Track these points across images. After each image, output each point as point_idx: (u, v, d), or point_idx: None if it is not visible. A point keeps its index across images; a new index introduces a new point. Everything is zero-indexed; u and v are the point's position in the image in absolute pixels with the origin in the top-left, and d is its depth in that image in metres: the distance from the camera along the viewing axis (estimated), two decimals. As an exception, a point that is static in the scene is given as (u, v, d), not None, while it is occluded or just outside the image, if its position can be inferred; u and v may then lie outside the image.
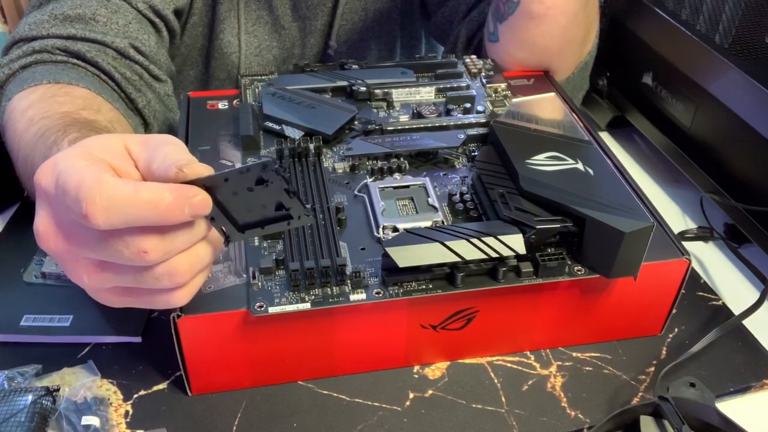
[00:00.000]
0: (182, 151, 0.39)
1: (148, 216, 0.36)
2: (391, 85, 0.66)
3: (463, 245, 0.46)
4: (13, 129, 0.56)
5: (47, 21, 0.63)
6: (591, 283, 0.50)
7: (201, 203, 0.37)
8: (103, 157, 0.38)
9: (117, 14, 0.66)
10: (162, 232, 0.37)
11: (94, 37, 0.64)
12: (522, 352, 0.54)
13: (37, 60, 0.61)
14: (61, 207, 0.37)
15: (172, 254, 0.38)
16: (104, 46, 0.64)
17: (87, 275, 0.39)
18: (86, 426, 0.47)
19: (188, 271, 0.39)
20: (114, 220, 0.35)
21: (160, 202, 0.35)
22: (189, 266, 0.39)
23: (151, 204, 0.35)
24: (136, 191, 0.35)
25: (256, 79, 0.67)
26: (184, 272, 0.39)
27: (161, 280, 0.39)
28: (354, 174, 0.57)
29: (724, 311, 0.59)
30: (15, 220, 0.65)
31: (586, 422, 0.49)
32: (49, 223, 0.38)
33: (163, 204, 0.35)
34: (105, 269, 0.39)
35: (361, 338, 0.49)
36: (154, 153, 0.38)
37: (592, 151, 0.53)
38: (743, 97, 0.62)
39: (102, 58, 0.63)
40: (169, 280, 0.39)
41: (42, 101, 0.56)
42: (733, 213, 0.65)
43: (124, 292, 0.41)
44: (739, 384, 0.53)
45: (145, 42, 0.67)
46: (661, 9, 0.72)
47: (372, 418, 0.49)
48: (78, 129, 0.51)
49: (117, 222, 0.35)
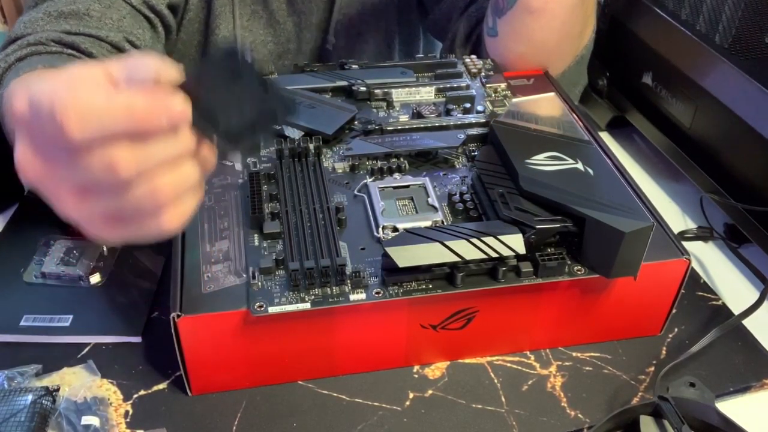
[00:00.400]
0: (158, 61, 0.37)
1: (123, 123, 0.34)
2: (391, 85, 0.66)
3: (463, 245, 0.46)
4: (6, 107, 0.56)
5: (42, 19, 0.64)
6: (591, 283, 0.50)
7: (177, 106, 0.35)
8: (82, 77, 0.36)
9: (111, 9, 0.66)
10: (135, 143, 0.35)
11: (88, 32, 0.64)
12: (522, 352, 0.54)
13: (32, 51, 0.62)
14: (36, 130, 0.36)
15: (148, 168, 0.36)
16: (99, 39, 0.65)
17: (71, 205, 0.38)
18: (86, 426, 0.47)
19: (170, 189, 0.37)
20: (89, 128, 0.34)
21: (134, 107, 0.34)
22: (171, 184, 0.36)
23: (126, 110, 0.34)
24: (109, 97, 0.34)
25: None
26: (166, 191, 0.36)
27: (143, 201, 0.36)
28: (354, 174, 0.57)
29: (724, 311, 0.58)
30: (15, 220, 0.65)
31: (586, 422, 0.49)
32: (27, 150, 0.37)
33: (138, 108, 0.34)
34: (87, 194, 0.37)
35: (360, 338, 0.49)
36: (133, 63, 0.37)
37: (592, 151, 0.53)
38: (743, 97, 0.62)
39: (96, 50, 0.64)
40: (150, 201, 0.36)
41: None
42: (733, 213, 0.65)
43: (112, 221, 0.38)
44: (739, 384, 0.53)
45: (140, 36, 0.68)
46: (661, 9, 0.72)
47: (372, 418, 0.49)
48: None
49: (92, 130, 0.34)
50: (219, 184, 0.56)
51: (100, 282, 0.57)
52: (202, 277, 0.48)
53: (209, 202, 0.54)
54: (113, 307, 0.56)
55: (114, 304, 0.56)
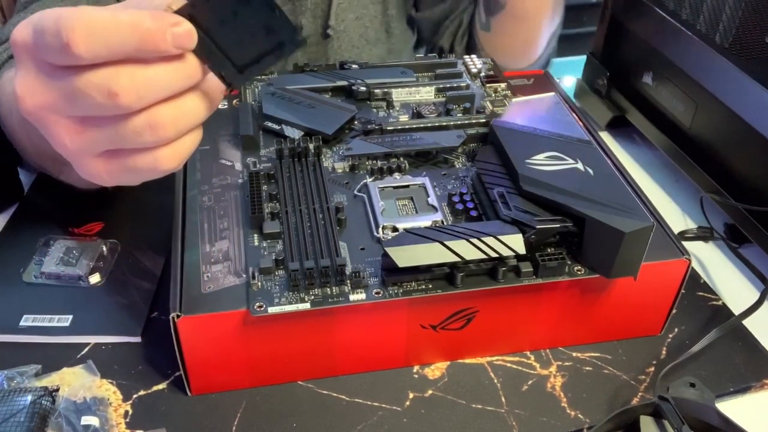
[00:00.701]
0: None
1: (128, 42, 0.33)
2: (391, 84, 0.66)
3: (462, 245, 0.46)
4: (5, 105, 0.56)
5: None
6: (591, 283, 0.50)
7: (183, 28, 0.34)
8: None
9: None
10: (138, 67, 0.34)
11: None
12: (522, 352, 0.54)
13: None
14: (38, 55, 0.35)
15: (149, 96, 0.35)
16: None
17: (69, 138, 0.37)
18: (86, 426, 0.47)
19: (171, 123, 0.36)
20: (95, 46, 0.33)
21: (140, 25, 0.33)
22: (172, 118, 0.36)
23: (131, 26, 0.33)
24: (115, 14, 0.33)
25: (256, 79, 0.67)
26: (167, 124, 0.36)
27: (142, 134, 0.36)
28: (354, 174, 0.57)
29: (724, 311, 0.58)
30: (15, 220, 0.65)
31: (586, 422, 0.49)
32: (27, 78, 0.36)
33: (143, 27, 0.33)
34: (85, 127, 0.37)
35: (360, 338, 0.49)
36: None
37: (592, 151, 0.53)
38: (743, 96, 0.62)
39: None
40: (151, 134, 0.36)
41: None
42: (733, 213, 0.65)
43: (108, 155, 0.38)
44: (739, 384, 0.53)
45: None
46: (661, 9, 0.72)
47: (372, 418, 0.49)
48: None
49: (98, 48, 0.33)
50: (219, 184, 0.56)
51: (99, 282, 0.57)
52: (202, 277, 0.48)
53: (209, 202, 0.54)
54: (113, 307, 0.56)
55: (114, 304, 0.56)
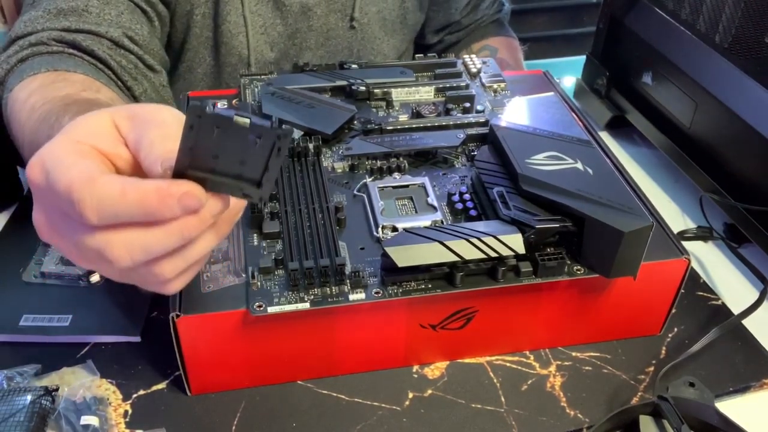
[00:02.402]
0: (166, 138, 0.37)
1: (137, 214, 0.35)
2: (391, 84, 0.66)
3: (462, 245, 0.46)
4: (16, 120, 0.57)
5: (41, 17, 0.64)
6: (590, 283, 0.50)
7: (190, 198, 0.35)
8: (92, 143, 0.37)
9: (109, 5, 0.67)
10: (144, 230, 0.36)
11: (88, 28, 0.65)
12: (521, 352, 0.54)
13: (33, 52, 0.62)
14: (49, 203, 0.38)
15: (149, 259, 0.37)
16: (99, 36, 0.65)
17: (82, 264, 0.40)
18: (85, 426, 0.47)
19: (171, 272, 0.39)
20: (106, 216, 0.35)
21: (146, 202, 0.35)
22: (171, 270, 0.38)
23: (138, 204, 0.35)
24: (123, 193, 0.35)
25: (256, 79, 0.67)
26: (167, 273, 0.38)
27: (147, 279, 0.39)
28: (353, 174, 0.57)
29: (724, 311, 0.58)
30: (14, 219, 0.65)
31: (585, 422, 0.49)
32: (41, 215, 0.39)
33: (150, 204, 0.35)
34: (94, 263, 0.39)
35: (360, 338, 0.49)
36: (140, 136, 0.37)
37: (591, 151, 0.53)
38: (743, 96, 0.62)
39: (97, 47, 0.64)
40: (153, 280, 0.39)
41: (42, 88, 0.57)
42: (732, 213, 0.65)
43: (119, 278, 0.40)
44: (739, 384, 0.53)
45: (138, 32, 0.68)
46: (661, 8, 0.72)
47: (371, 417, 0.49)
48: (78, 107, 0.51)
49: (109, 218, 0.35)
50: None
51: (99, 282, 0.57)
52: (202, 276, 0.48)
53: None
54: (113, 306, 0.56)
55: (113, 303, 0.56)
